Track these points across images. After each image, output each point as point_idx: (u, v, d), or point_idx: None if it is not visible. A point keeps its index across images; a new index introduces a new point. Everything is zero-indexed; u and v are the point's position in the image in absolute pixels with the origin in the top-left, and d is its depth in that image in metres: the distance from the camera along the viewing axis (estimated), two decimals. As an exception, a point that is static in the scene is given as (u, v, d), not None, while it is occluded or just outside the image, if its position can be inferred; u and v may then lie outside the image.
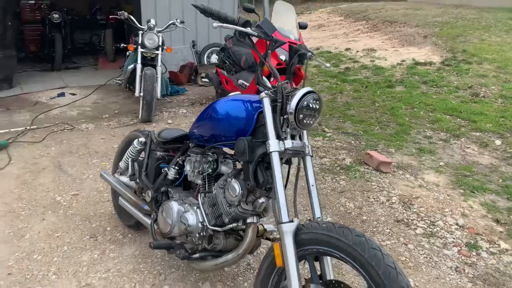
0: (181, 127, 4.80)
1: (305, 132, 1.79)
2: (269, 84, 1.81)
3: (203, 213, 1.93)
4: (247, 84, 4.96)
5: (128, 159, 2.50)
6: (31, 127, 4.74)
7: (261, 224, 1.92)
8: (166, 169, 2.22)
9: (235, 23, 1.74)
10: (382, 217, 2.93)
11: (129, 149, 2.50)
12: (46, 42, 8.01)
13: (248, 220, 1.82)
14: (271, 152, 1.63)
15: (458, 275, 2.33)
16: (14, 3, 8.68)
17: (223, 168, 2.00)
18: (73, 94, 6.15)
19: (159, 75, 5.15)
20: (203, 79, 6.57)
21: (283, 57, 4.72)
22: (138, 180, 2.40)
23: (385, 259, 1.35)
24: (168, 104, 5.77)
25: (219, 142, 1.90)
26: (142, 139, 2.43)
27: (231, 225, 1.84)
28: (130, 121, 5.05)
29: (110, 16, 6.29)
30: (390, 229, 2.78)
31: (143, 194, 2.35)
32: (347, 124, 4.99)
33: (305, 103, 1.63)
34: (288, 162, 1.85)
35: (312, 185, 1.75)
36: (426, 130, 4.75)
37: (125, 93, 6.02)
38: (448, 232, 2.74)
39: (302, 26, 5.15)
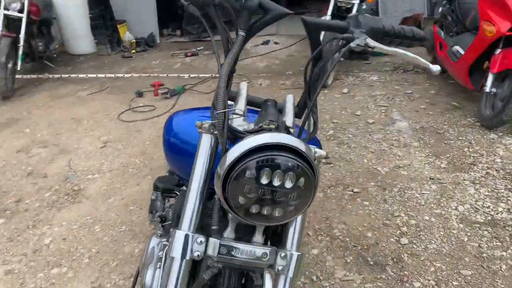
0: (354, 99, 3.83)
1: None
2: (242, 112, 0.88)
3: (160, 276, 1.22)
4: (462, 53, 3.44)
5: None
6: (215, 75, 4.72)
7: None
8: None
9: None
10: None
11: None
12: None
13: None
14: (171, 257, 0.77)
15: None
16: None
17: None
18: (276, 43, 5.85)
19: (349, 31, 4.15)
20: (424, 38, 5.12)
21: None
22: None
23: None
24: (364, 66, 4.73)
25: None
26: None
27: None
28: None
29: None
30: None
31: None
32: None
33: (249, 172, 0.67)
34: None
35: None
36: None
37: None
38: None
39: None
